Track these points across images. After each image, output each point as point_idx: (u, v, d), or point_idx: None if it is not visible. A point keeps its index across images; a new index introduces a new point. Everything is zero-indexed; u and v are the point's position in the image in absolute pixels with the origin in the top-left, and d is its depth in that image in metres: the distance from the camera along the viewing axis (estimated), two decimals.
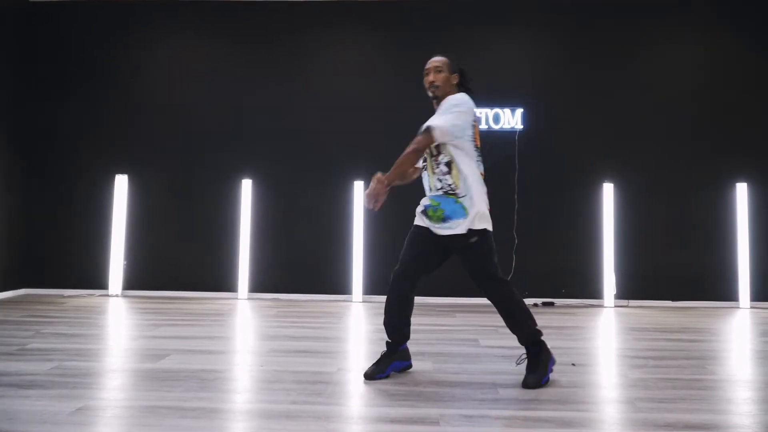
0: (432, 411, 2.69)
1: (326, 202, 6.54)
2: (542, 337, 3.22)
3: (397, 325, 3.28)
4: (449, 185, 3.18)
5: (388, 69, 6.55)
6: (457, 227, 3.16)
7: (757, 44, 6.39)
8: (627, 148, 6.43)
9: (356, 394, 2.99)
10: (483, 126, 6.40)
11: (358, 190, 6.41)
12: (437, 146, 3.17)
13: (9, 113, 6.42)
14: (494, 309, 3.36)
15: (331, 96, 6.60)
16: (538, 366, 3.15)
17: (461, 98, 3.19)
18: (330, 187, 6.54)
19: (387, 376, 3.25)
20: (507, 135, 6.45)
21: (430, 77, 3.23)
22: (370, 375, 3.20)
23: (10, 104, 6.43)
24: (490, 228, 3.24)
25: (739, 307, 6.17)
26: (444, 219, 3.17)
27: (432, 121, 3.12)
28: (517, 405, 2.81)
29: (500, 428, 2.49)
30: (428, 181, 3.28)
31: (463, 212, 3.15)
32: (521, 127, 6.43)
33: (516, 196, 6.40)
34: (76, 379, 3.13)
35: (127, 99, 6.71)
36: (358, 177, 6.45)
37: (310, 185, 6.56)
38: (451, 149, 3.15)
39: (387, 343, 3.31)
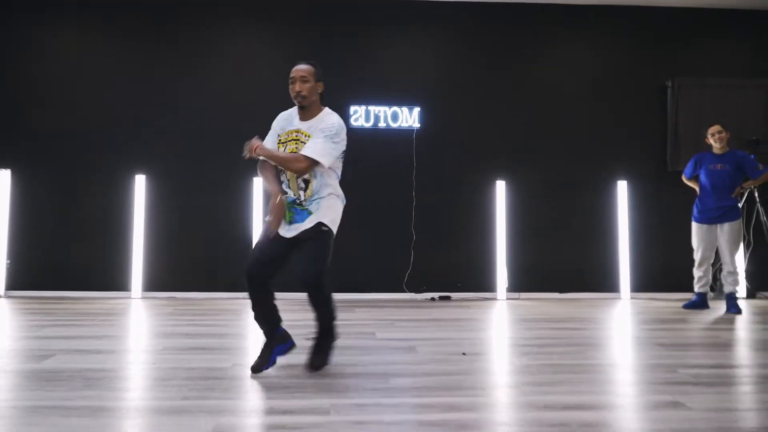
0: (324, 401, 2.74)
1: (224, 200, 6.43)
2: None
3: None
4: (301, 201, 3.27)
5: (283, 66, 6.50)
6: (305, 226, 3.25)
7: (638, 52, 6.85)
8: (519, 147, 6.73)
9: (250, 388, 2.98)
10: (381, 124, 6.51)
11: (258, 187, 6.36)
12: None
13: None
14: (395, 304, 3.48)
15: (224, 91, 6.49)
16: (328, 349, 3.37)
17: (339, 126, 3.29)
18: (228, 184, 6.44)
19: (274, 364, 3.26)
20: (405, 133, 6.59)
21: (297, 87, 3.23)
22: (257, 368, 3.18)
23: None
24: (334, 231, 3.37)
25: (620, 298, 6.59)
26: (291, 223, 3.26)
27: (319, 155, 3.16)
28: (408, 393, 2.90)
29: (390, 414, 2.57)
30: (289, 188, 3.30)
31: (308, 215, 3.26)
32: (419, 125, 6.59)
33: (414, 193, 6.55)
34: None
35: (14, 91, 6.33)
36: (257, 174, 6.37)
37: (207, 183, 6.43)
38: (318, 169, 3.25)
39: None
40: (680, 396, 2.85)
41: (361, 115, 6.53)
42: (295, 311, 4.10)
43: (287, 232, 3.25)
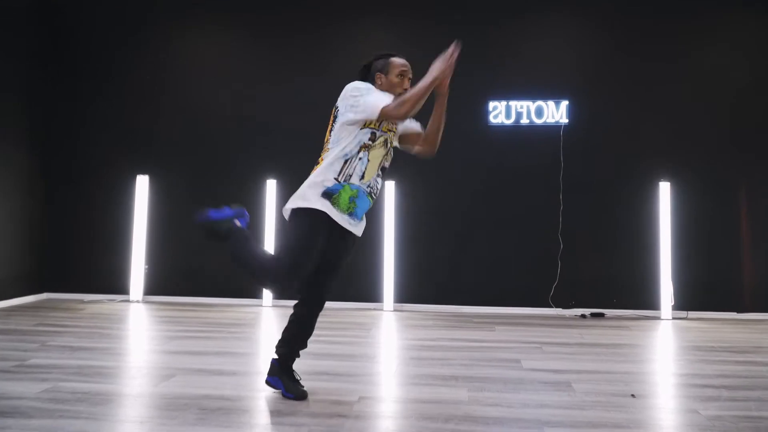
0: None
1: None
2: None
3: None
4: (378, 189, 2.98)
5: (422, 62, 6.07)
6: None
7: None
8: (685, 144, 5.84)
9: (376, 431, 2.56)
10: (524, 121, 5.91)
11: (389, 190, 5.98)
12: (390, 149, 3.03)
13: (26, 114, 6.16)
14: (540, 321, 2.97)
15: None
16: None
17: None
18: None
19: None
20: (551, 130, 5.93)
21: (406, 84, 3.05)
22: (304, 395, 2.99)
23: (27, 105, 6.17)
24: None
25: None
26: (350, 215, 2.91)
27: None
28: None
29: None
30: (363, 168, 2.88)
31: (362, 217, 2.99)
32: (566, 121, 5.91)
33: (561, 196, 5.87)
34: (66, 406, 2.78)
35: (149, 98, 6.41)
36: (387, 177, 6.04)
37: None
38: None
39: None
40: None
41: (501, 112, 5.96)
42: None
43: (343, 221, 2.87)
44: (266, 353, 4.04)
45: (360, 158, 2.86)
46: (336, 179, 2.84)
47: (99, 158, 6.41)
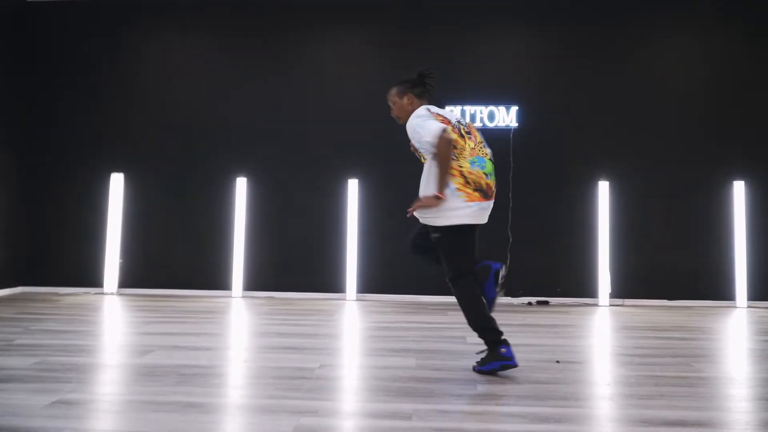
0: (406, 406, 2.68)
1: (321, 201, 6.53)
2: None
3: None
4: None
5: (382, 67, 6.53)
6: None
7: (759, 40, 6.33)
8: (624, 146, 6.39)
9: (334, 389, 2.98)
10: (477, 124, 6.39)
11: (352, 188, 6.41)
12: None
13: (3, 111, 6.45)
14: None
15: (325, 94, 6.59)
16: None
17: (412, 122, 3.41)
18: (324, 185, 6.54)
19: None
20: (502, 133, 6.43)
21: (392, 114, 3.60)
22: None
23: (5, 102, 6.47)
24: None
25: (736, 307, 6.11)
26: None
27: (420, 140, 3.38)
28: (494, 401, 2.80)
29: (473, 423, 2.48)
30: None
31: None
32: (516, 124, 6.41)
33: (511, 194, 6.37)
34: (57, 374, 3.14)
35: (124, 97, 6.74)
36: (352, 175, 6.46)
37: (304, 183, 6.56)
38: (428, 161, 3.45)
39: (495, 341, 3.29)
40: None
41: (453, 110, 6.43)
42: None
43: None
44: (237, 334, 4.43)
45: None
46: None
47: (75, 156, 6.71)
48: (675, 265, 6.28)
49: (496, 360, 3.22)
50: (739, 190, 6.20)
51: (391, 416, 2.54)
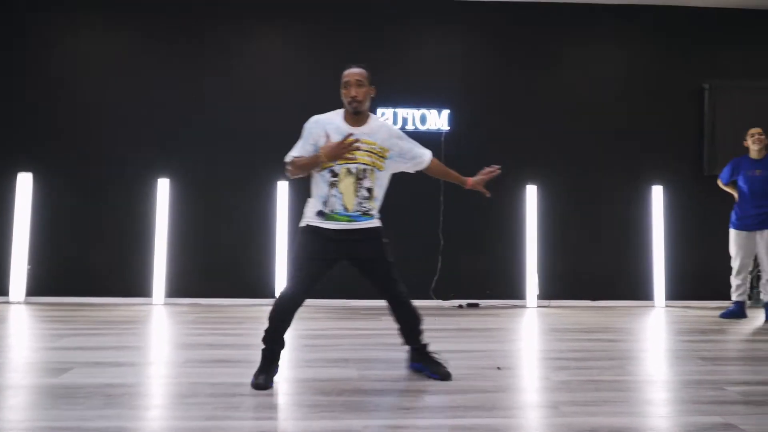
0: (355, 422, 2.58)
1: (248, 203, 6.32)
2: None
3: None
4: (367, 209, 3.22)
5: (312, 69, 6.39)
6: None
7: (674, 53, 6.62)
8: (550, 151, 6.53)
9: (277, 406, 2.84)
10: (409, 127, 6.36)
11: (282, 190, 6.24)
12: (365, 170, 3.15)
13: None
14: (422, 312, 3.47)
15: (253, 94, 6.38)
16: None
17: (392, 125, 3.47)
18: (251, 187, 6.33)
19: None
20: (433, 136, 6.42)
21: (352, 92, 3.10)
22: (265, 385, 3.06)
23: None
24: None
25: (654, 306, 6.37)
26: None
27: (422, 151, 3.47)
28: (444, 413, 2.74)
29: None
30: (342, 201, 3.16)
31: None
32: (448, 128, 6.42)
33: (442, 198, 6.38)
34: None
35: (34, 93, 6.28)
36: (281, 177, 6.27)
37: (231, 185, 6.32)
38: (382, 179, 3.26)
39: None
40: (731, 417, 2.66)
41: (388, 118, 6.39)
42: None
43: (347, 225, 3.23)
44: (162, 346, 4.18)
45: (333, 195, 3.14)
46: (324, 210, 3.18)
47: None
48: (598, 266, 6.48)
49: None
50: (657, 194, 6.47)
51: None
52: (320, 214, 3.19)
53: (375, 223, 3.27)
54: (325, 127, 3.13)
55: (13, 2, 6.29)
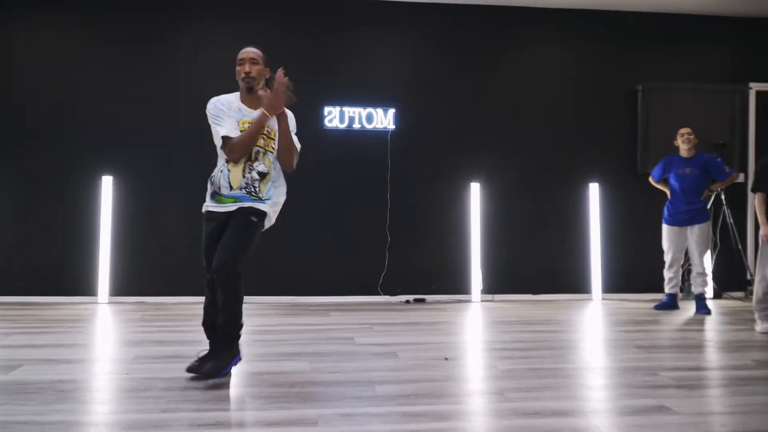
0: (310, 411, 2.67)
1: (193, 202, 6.26)
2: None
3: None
4: (255, 189, 3.19)
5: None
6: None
7: (612, 55, 6.92)
8: (493, 149, 6.72)
9: (231, 398, 2.89)
10: (356, 125, 6.45)
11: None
12: (258, 152, 3.20)
13: None
14: (371, 307, 3.47)
15: (194, 92, 6.33)
16: (223, 356, 3.09)
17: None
18: (197, 185, 6.27)
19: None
20: (380, 134, 6.53)
21: (246, 67, 3.20)
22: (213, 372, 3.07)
23: None
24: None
25: (592, 299, 6.65)
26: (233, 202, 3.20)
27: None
28: (395, 401, 2.85)
29: (379, 425, 2.52)
30: (228, 177, 3.19)
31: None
32: (394, 127, 6.54)
33: (389, 195, 6.50)
34: None
35: None
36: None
37: (176, 184, 6.26)
38: (274, 162, 3.27)
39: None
40: (665, 400, 2.87)
41: (335, 116, 6.45)
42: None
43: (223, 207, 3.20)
44: (111, 343, 4.16)
45: (221, 170, 3.20)
46: (214, 185, 3.24)
47: None
48: (538, 261, 6.71)
49: (234, 357, 3.15)
50: (594, 191, 6.75)
51: (297, 423, 2.52)
52: (213, 196, 3.24)
53: (260, 205, 3.20)
54: (226, 106, 3.22)
55: None
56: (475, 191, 6.58)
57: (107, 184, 6.12)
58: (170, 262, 6.19)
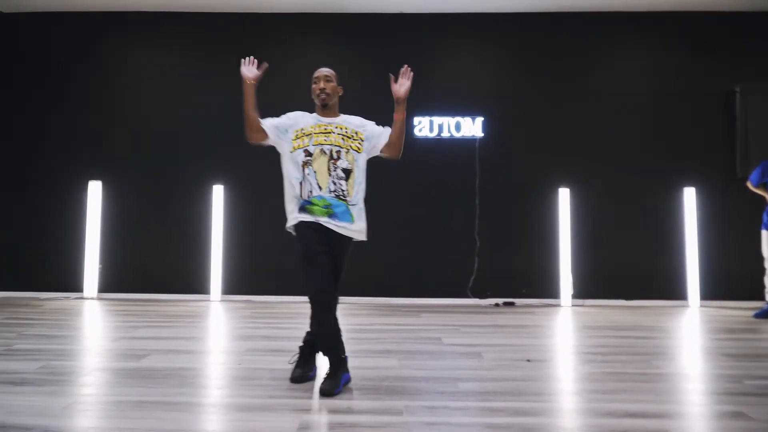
0: (397, 403, 2.95)
1: None
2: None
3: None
4: (343, 191, 3.27)
5: (353, 80, 6.75)
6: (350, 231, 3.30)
7: (703, 57, 6.79)
8: (582, 154, 6.78)
9: None
10: (445, 134, 6.71)
11: None
12: (339, 151, 3.30)
13: None
14: (459, 310, 3.66)
15: (296, 106, 6.76)
16: (336, 375, 3.18)
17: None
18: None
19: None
20: (468, 143, 6.75)
21: (321, 84, 3.39)
22: (301, 377, 3.31)
23: None
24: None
25: (688, 306, 6.55)
26: (332, 216, 3.25)
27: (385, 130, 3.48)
28: (475, 397, 3.09)
29: (459, 417, 2.77)
30: (315, 177, 3.28)
31: (350, 218, 3.29)
32: (482, 134, 6.74)
33: (477, 201, 6.70)
34: (64, 377, 3.31)
35: (102, 106, 6.84)
36: None
37: (278, 190, 6.73)
38: (360, 161, 3.36)
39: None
40: (743, 407, 2.93)
41: (425, 126, 6.74)
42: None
43: (327, 223, 3.24)
44: (224, 338, 4.64)
45: (308, 174, 3.27)
46: (300, 197, 3.29)
47: (54, 165, 6.80)
48: (631, 266, 6.69)
49: (347, 372, 3.27)
50: (689, 195, 6.65)
51: (385, 412, 2.81)
52: (302, 209, 3.27)
53: (355, 234, 3.32)
54: (300, 118, 3.43)
55: (77, 20, 6.84)
56: (564, 196, 6.66)
57: (218, 192, 6.69)
58: (274, 264, 6.69)
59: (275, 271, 6.72)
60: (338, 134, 3.34)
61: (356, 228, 3.30)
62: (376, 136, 3.43)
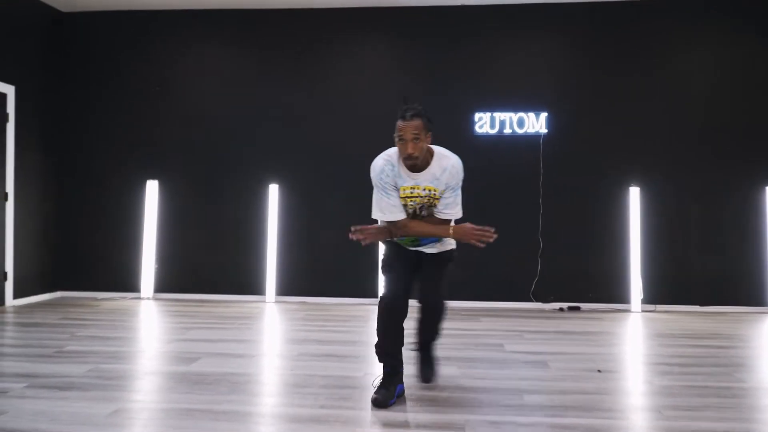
0: (457, 417, 2.74)
1: (352, 208, 6.59)
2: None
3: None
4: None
5: (412, 76, 6.57)
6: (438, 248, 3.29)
7: None
8: (652, 152, 6.38)
9: None
10: (507, 130, 6.42)
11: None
12: (421, 207, 3.20)
13: (42, 120, 6.60)
14: (522, 314, 3.47)
15: (353, 103, 6.66)
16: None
17: (459, 167, 3.21)
18: (356, 193, 6.59)
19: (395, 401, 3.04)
20: (531, 139, 6.45)
21: (409, 149, 2.99)
22: (384, 402, 2.92)
23: (43, 111, 6.61)
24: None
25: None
26: (418, 245, 3.29)
27: (457, 212, 3.28)
28: (543, 411, 2.84)
29: None
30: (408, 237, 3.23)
31: (436, 240, 3.31)
32: (546, 131, 6.43)
33: (541, 200, 6.40)
34: (112, 382, 3.23)
35: (158, 106, 6.85)
36: None
37: (336, 191, 6.62)
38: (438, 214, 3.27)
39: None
40: None
41: (486, 122, 6.47)
42: None
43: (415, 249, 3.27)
44: (277, 341, 4.51)
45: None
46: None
47: (111, 164, 6.84)
48: (706, 270, 6.26)
49: (401, 383, 3.11)
50: None
51: (445, 427, 2.60)
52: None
53: (443, 247, 3.31)
54: (390, 174, 3.14)
55: (136, 18, 6.89)
56: (634, 195, 6.28)
57: (273, 192, 6.61)
58: (329, 266, 6.56)
59: (330, 272, 6.58)
60: (424, 196, 3.16)
61: (443, 247, 3.32)
62: (443, 200, 3.19)
